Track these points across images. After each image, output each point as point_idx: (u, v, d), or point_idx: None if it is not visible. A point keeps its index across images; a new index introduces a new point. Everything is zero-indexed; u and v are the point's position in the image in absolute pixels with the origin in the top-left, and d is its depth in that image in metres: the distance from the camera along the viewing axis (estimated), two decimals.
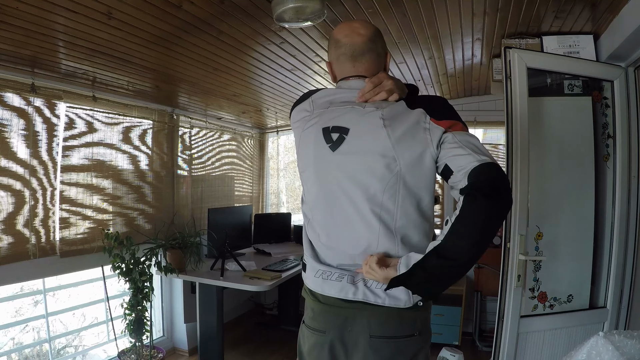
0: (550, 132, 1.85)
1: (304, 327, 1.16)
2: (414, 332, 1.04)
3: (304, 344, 1.15)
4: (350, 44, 1.10)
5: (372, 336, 1.02)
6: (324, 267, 1.07)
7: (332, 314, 1.07)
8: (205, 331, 2.67)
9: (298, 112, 1.17)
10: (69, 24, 1.52)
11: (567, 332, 1.83)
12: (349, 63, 1.11)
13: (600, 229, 1.92)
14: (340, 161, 1.04)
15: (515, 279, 1.71)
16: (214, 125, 3.56)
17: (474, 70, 2.65)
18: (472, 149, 0.94)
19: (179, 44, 1.83)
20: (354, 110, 1.05)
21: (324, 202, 1.08)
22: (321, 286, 1.07)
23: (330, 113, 1.08)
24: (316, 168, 1.08)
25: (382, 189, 0.99)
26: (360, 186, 1.01)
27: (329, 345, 1.07)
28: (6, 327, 2.37)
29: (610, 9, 1.67)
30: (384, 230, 1.00)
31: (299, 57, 2.15)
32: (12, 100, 2.03)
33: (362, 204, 1.01)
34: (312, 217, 1.12)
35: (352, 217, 1.03)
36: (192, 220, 3.12)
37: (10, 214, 2.05)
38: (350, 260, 1.05)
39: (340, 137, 1.04)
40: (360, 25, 1.12)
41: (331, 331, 1.07)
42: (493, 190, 0.87)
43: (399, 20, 1.79)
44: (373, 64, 1.11)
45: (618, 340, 0.86)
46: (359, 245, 1.03)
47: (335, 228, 1.07)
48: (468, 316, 3.31)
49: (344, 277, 1.04)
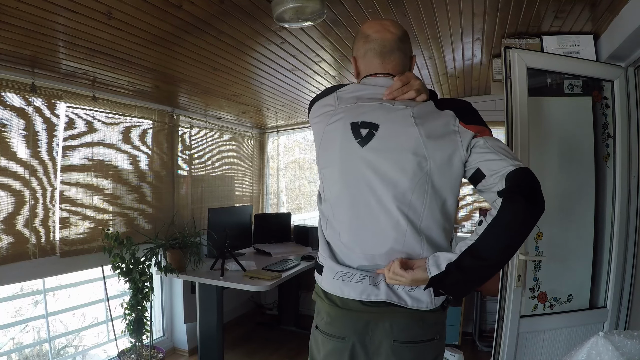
0: (550, 132, 1.85)
1: (317, 333, 1.10)
2: (435, 336, 1.03)
3: (319, 352, 1.10)
4: (380, 40, 1.09)
5: (395, 341, 1.01)
6: (344, 269, 1.04)
7: (352, 318, 1.03)
8: (205, 331, 2.67)
9: (320, 107, 1.12)
10: (69, 24, 1.52)
11: (567, 332, 1.83)
12: (377, 59, 1.10)
13: (600, 229, 1.92)
14: (370, 157, 1.01)
15: (515, 279, 1.71)
16: (214, 125, 3.56)
17: (474, 70, 2.65)
18: (505, 154, 0.95)
19: (179, 44, 1.83)
20: (383, 107, 1.03)
21: (348, 199, 1.04)
22: (341, 288, 1.03)
23: (358, 108, 1.05)
24: (342, 164, 1.04)
25: (412, 187, 0.98)
26: (390, 183, 0.99)
27: (350, 351, 1.03)
28: (6, 327, 2.37)
29: (610, 9, 1.67)
30: (410, 229, 0.99)
31: (299, 57, 2.15)
32: (12, 100, 2.03)
33: (389, 202, 0.99)
34: (332, 215, 1.08)
35: (378, 215, 1.01)
36: (192, 220, 3.12)
37: (10, 214, 2.05)
38: (371, 261, 1.02)
39: (370, 133, 1.01)
40: (391, 23, 1.12)
41: (351, 336, 1.03)
42: (533, 194, 0.88)
43: (399, 20, 1.79)
44: (400, 63, 1.10)
45: (618, 340, 0.86)
46: (384, 245, 1.00)
47: (358, 227, 1.03)
48: (468, 316, 3.31)
49: (365, 279, 1.01)
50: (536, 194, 0.88)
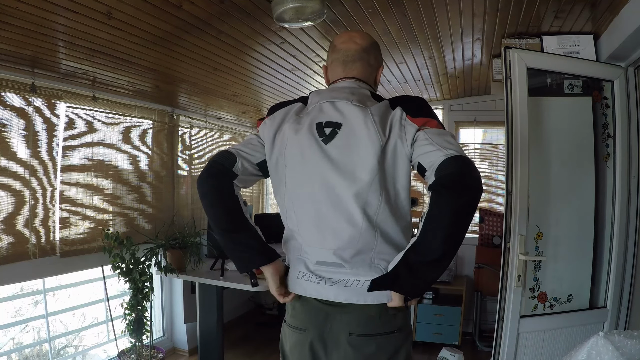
0: (550, 132, 1.85)
1: (285, 326, 1.17)
2: (394, 329, 1.05)
3: (286, 343, 1.16)
4: (344, 50, 1.15)
5: (351, 334, 1.04)
6: (303, 269, 1.08)
7: (311, 312, 1.08)
8: (205, 331, 2.67)
9: (285, 112, 1.13)
10: (69, 24, 1.52)
11: (567, 332, 1.83)
12: (340, 67, 1.16)
13: (600, 229, 1.92)
14: (333, 154, 1.03)
15: (515, 279, 1.71)
16: (214, 125, 3.56)
17: (474, 70, 2.65)
18: (440, 144, 0.96)
19: (179, 44, 1.83)
20: (344, 106, 1.06)
21: (307, 196, 1.06)
22: (303, 287, 1.08)
23: (322, 108, 1.09)
24: (304, 162, 1.06)
25: (369, 182, 1.00)
26: (348, 179, 1.02)
27: (309, 343, 1.08)
28: (6, 327, 2.37)
29: (610, 9, 1.67)
30: (366, 224, 1.01)
31: (299, 57, 2.15)
32: (12, 100, 2.03)
33: (348, 198, 1.02)
34: (292, 210, 1.09)
35: (336, 211, 1.03)
36: (192, 220, 3.12)
37: (10, 214, 2.05)
38: (329, 255, 1.05)
39: (333, 131, 1.04)
40: (359, 35, 1.18)
41: (311, 329, 1.08)
42: (457, 184, 0.89)
43: (399, 20, 1.79)
44: (363, 72, 1.15)
45: (618, 340, 0.87)
46: (341, 240, 1.03)
47: (317, 222, 1.05)
48: (468, 316, 3.31)
49: (322, 280, 1.05)
50: (464, 182, 0.89)
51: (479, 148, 3.54)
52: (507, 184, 1.75)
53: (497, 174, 3.47)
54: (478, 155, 3.52)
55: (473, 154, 3.51)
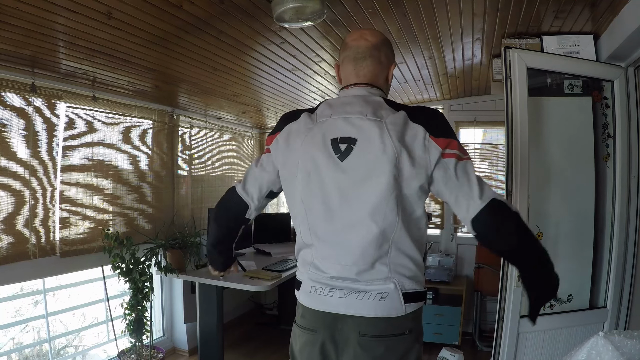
0: (550, 132, 1.85)
1: (295, 327, 1.18)
2: (404, 331, 1.05)
3: (296, 343, 1.17)
4: (355, 47, 1.14)
5: (362, 334, 1.04)
6: (316, 284, 1.09)
7: (322, 313, 1.08)
8: (205, 331, 2.67)
9: (296, 124, 1.13)
10: (69, 24, 1.52)
11: (567, 332, 1.83)
12: (350, 65, 1.14)
13: (600, 229, 1.92)
14: (349, 171, 1.03)
15: (515, 279, 1.71)
16: (214, 125, 3.56)
17: (474, 70, 2.65)
18: (469, 186, 1.02)
19: (179, 44, 1.83)
20: (359, 120, 1.05)
21: (322, 212, 1.06)
22: (316, 302, 1.09)
23: (335, 122, 1.07)
24: (320, 179, 1.05)
25: (387, 198, 1.00)
26: (365, 195, 1.01)
27: (320, 343, 1.08)
28: (6, 327, 2.37)
29: (610, 9, 1.67)
30: (382, 240, 1.02)
31: (299, 57, 2.15)
32: (12, 100, 2.03)
33: (364, 214, 1.01)
34: (307, 226, 1.10)
35: (351, 226, 1.03)
36: (192, 220, 3.12)
37: (10, 214, 2.05)
38: (344, 270, 1.05)
39: (349, 147, 1.03)
40: (370, 32, 1.17)
41: (322, 330, 1.08)
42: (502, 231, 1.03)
43: (399, 20, 1.79)
44: (374, 70, 1.13)
45: (618, 340, 0.87)
46: (355, 255, 1.03)
47: (333, 238, 1.06)
48: (468, 316, 3.31)
49: (335, 292, 1.06)
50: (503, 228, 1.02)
51: (479, 148, 3.54)
52: (507, 184, 1.75)
53: (497, 174, 3.47)
54: (478, 155, 3.52)
55: (473, 154, 3.51)
